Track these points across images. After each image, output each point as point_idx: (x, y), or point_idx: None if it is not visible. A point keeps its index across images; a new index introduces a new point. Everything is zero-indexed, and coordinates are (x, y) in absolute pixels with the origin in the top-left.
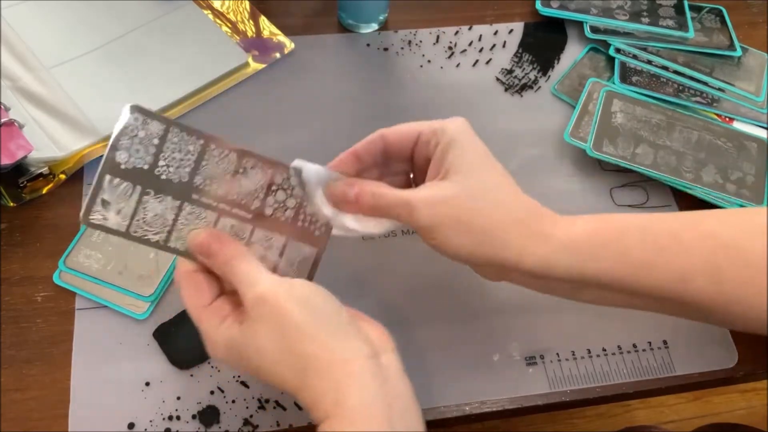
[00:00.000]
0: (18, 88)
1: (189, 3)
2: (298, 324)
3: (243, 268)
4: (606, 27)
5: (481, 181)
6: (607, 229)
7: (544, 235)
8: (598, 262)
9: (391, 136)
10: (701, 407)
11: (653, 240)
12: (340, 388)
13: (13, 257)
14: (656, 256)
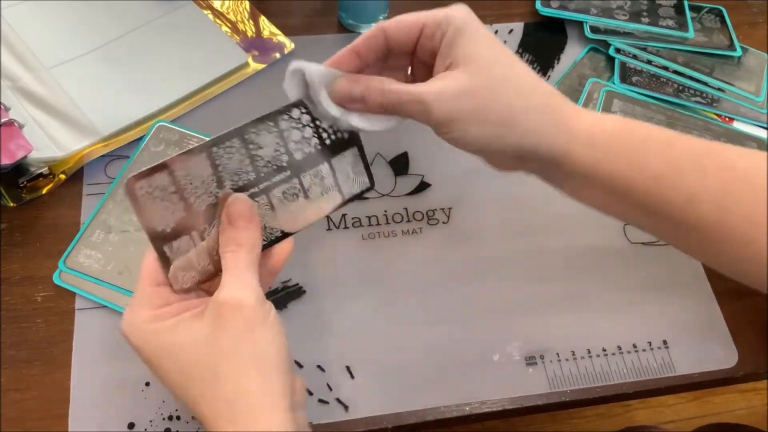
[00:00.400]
0: (18, 88)
1: (189, 3)
2: (260, 349)
3: (245, 263)
4: (606, 27)
5: (496, 69)
6: (631, 133)
7: (566, 125)
8: (614, 162)
9: (392, 29)
10: (701, 407)
11: (673, 157)
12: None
13: (13, 257)
14: (671, 171)
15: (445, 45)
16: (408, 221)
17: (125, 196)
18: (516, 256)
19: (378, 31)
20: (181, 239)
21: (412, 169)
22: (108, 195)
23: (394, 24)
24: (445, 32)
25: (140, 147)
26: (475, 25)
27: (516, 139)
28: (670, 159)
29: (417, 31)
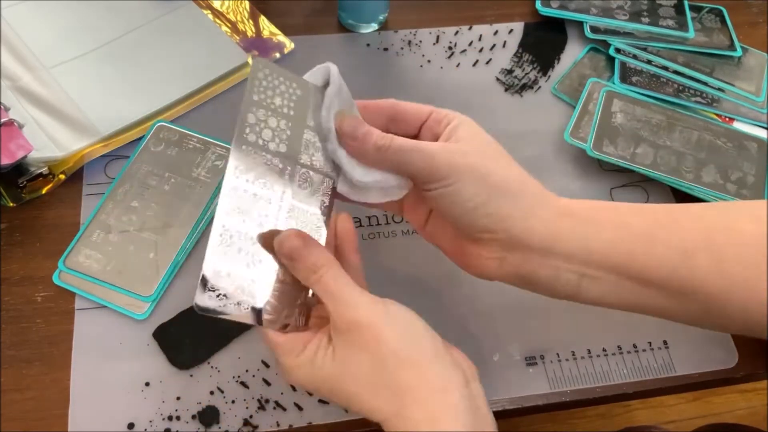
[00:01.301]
0: (18, 88)
1: (189, 3)
2: (396, 352)
3: (334, 283)
4: (606, 27)
5: (493, 152)
6: (604, 205)
7: (551, 201)
8: (600, 231)
9: (403, 105)
10: (701, 407)
11: (651, 215)
12: (436, 418)
13: (13, 257)
14: (656, 229)
15: (449, 129)
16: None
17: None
18: None
19: (388, 103)
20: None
21: None
22: (108, 195)
23: (405, 102)
24: (451, 121)
25: (140, 147)
26: (480, 129)
27: (506, 209)
28: (648, 218)
29: (426, 114)
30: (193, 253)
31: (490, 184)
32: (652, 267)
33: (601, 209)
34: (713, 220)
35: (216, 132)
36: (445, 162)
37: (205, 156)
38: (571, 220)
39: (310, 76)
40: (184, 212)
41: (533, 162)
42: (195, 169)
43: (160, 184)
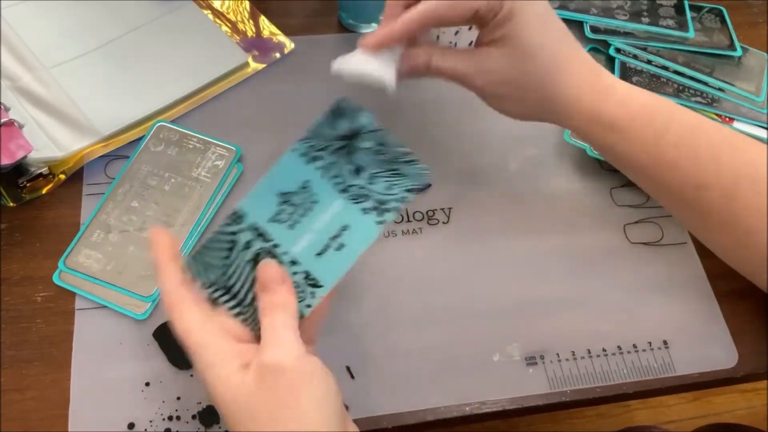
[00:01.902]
0: (18, 88)
1: (189, 3)
2: (306, 412)
3: (282, 325)
4: (606, 27)
5: (538, 55)
6: (654, 119)
7: (592, 104)
8: (631, 147)
9: (445, 10)
10: (701, 407)
11: (691, 147)
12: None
13: (13, 257)
14: (686, 161)
15: (494, 23)
16: (408, 221)
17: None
18: (516, 256)
19: (429, 13)
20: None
21: None
22: (108, 195)
23: (446, 6)
24: (497, 13)
25: (140, 147)
26: (527, 9)
27: (551, 115)
28: (688, 149)
29: (470, 14)
30: None
31: (532, 99)
32: (665, 184)
33: (642, 127)
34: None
35: (216, 132)
36: (485, 89)
37: (205, 156)
38: (605, 131)
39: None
40: (184, 212)
41: (533, 162)
42: (195, 169)
43: (160, 184)
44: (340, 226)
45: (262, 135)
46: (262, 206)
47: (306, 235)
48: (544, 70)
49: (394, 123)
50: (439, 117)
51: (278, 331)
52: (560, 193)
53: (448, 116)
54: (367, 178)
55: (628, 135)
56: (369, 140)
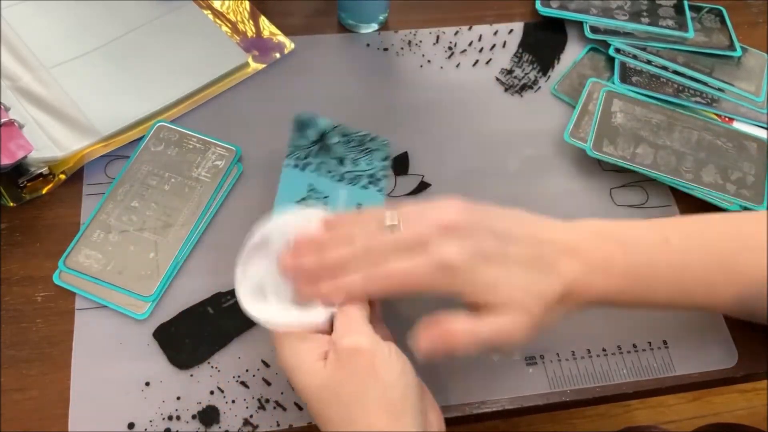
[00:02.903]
0: (18, 88)
1: (189, 3)
2: (386, 391)
3: (352, 312)
4: (606, 27)
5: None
6: (637, 277)
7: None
8: (626, 299)
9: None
10: (701, 407)
11: (684, 285)
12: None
13: (13, 257)
14: (682, 296)
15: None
16: None
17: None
18: None
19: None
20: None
21: (412, 169)
22: (108, 195)
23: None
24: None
25: (140, 147)
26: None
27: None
28: (679, 288)
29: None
30: (194, 253)
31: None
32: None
33: (631, 285)
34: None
35: (216, 132)
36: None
37: (205, 156)
38: (601, 294)
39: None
40: (184, 212)
41: (533, 162)
42: (195, 169)
43: (160, 184)
44: (354, 206)
45: (262, 135)
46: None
47: None
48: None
49: (394, 123)
50: (439, 117)
51: (351, 319)
52: (560, 193)
53: (448, 116)
54: (351, 163)
55: (621, 294)
56: (335, 136)
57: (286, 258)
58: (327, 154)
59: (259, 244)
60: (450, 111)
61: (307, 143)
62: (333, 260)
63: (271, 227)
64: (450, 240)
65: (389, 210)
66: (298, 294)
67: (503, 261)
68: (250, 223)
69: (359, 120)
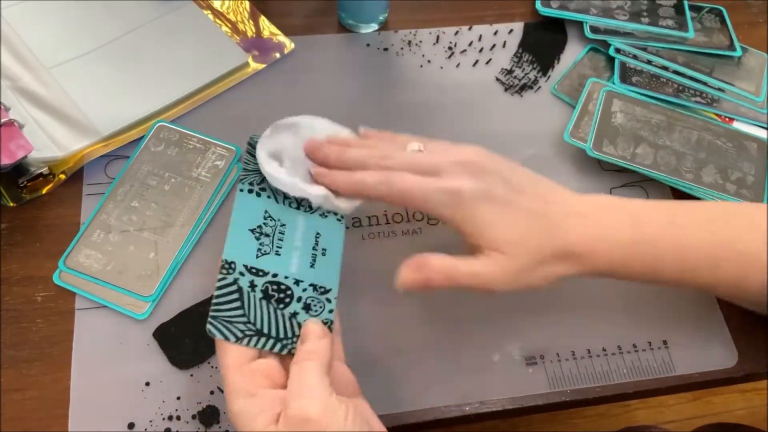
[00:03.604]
0: (18, 88)
1: (189, 3)
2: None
3: (309, 370)
4: (606, 27)
5: (524, 245)
6: (643, 252)
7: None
8: (631, 273)
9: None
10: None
11: (687, 263)
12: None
13: (13, 257)
14: (686, 273)
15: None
16: (408, 221)
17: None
18: None
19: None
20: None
21: None
22: (108, 195)
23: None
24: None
25: (140, 147)
26: (480, 206)
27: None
28: (684, 265)
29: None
30: (193, 253)
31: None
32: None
33: (636, 260)
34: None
35: (216, 132)
36: (501, 290)
37: (205, 156)
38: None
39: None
40: (184, 212)
41: (533, 162)
42: (195, 169)
43: (160, 184)
44: (313, 235)
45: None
46: (243, 247)
47: (293, 254)
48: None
49: (394, 124)
50: (439, 117)
51: (304, 378)
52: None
53: (448, 116)
54: None
55: (626, 267)
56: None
57: (313, 140)
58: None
59: (288, 125)
60: (450, 111)
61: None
62: (354, 157)
63: (301, 118)
64: (463, 173)
65: (416, 139)
66: (314, 174)
67: (507, 205)
68: None
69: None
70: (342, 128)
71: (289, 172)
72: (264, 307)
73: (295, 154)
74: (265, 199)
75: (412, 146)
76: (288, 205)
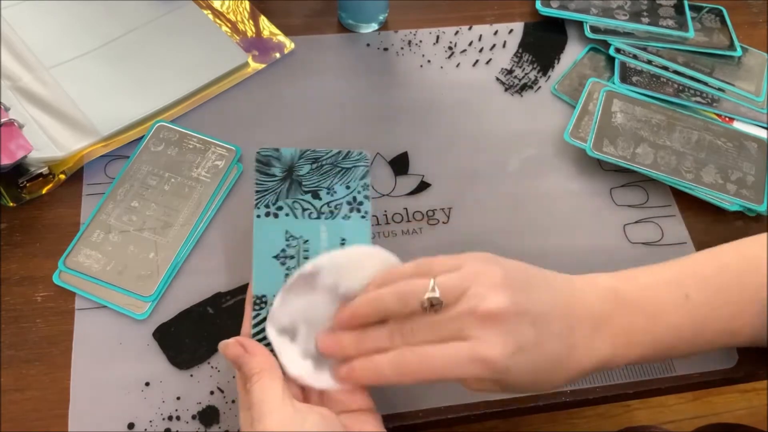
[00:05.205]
0: (18, 88)
1: (189, 3)
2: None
3: (260, 392)
4: (606, 27)
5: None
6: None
7: (592, 345)
8: (647, 358)
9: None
10: (701, 407)
11: (695, 339)
12: None
13: (13, 257)
14: (697, 348)
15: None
16: (408, 221)
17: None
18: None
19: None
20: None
21: (412, 169)
22: (108, 195)
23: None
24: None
25: (140, 147)
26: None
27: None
28: (703, 340)
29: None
30: (193, 253)
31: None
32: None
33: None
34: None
35: (216, 132)
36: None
37: (205, 156)
38: (622, 359)
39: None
40: (184, 212)
41: (533, 162)
42: (195, 169)
43: (160, 184)
44: (338, 242)
45: (262, 135)
46: (270, 277)
47: None
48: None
49: (394, 124)
50: (439, 117)
51: (259, 400)
52: (560, 193)
53: (448, 116)
54: (327, 194)
55: (641, 358)
56: (303, 165)
57: (325, 338)
58: (299, 189)
59: (305, 277)
60: (450, 111)
61: (274, 182)
62: (372, 345)
63: (326, 260)
64: (491, 332)
65: (429, 280)
66: (336, 375)
67: (541, 354)
68: (250, 223)
69: (359, 120)
70: (367, 250)
71: (303, 347)
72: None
73: (311, 315)
74: (283, 218)
75: (428, 294)
76: (308, 217)
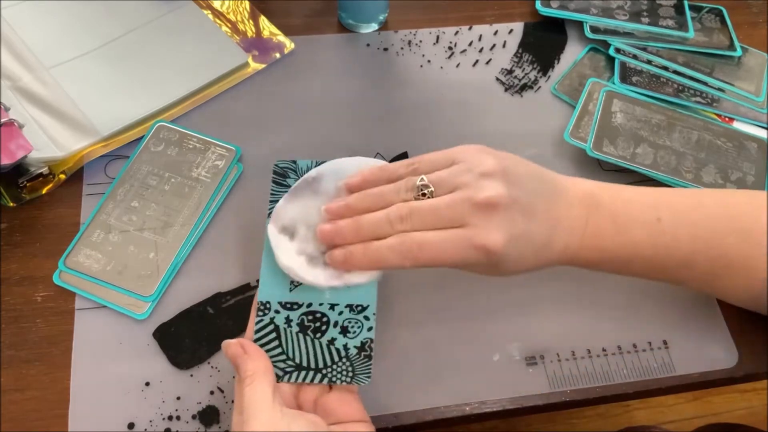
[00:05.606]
0: (18, 88)
1: (189, 3)
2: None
3: (251, 395)
4: (606, 27)
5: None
6: (616, 255)
7: (570, 245)
8: (609, 268)
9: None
10: (701, 407)
11: (658, 265)
12: None
13: (13, 257)
14: (659, 274)
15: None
16: None
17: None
18: None
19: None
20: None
21: None
22: (108, 195)
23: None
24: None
25: (140, 147)
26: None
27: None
28: (661, 267)
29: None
30: (193, 253)
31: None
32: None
33: (613, 260)
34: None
35: (216, 132)
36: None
37: (205, 156)
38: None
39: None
40: (184, 212)
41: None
42: (195, 169)
43: (160, 184)
44: None
45: (262, 135)
46: (276, 285)
47: None
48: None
49: (394, 124)
50: (439, 117)
51: (248, 403)
52: None
53: (448, 116)
54: None
55: (603, 263)
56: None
57: (323, 226)
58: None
59: (308, 182)
60: (450, 111)
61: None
62: (370, 229)
63: (326, 167)
64: (489, 220)
65: (409, 167)
66: (330, 262)
67: (527, 242)
68: (250, 223)
69: (359, 120)
70: (366, 160)
71: (301, 245)
72: (301, 340)
73: (311, 217)
74: None
75: (416, 182)
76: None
